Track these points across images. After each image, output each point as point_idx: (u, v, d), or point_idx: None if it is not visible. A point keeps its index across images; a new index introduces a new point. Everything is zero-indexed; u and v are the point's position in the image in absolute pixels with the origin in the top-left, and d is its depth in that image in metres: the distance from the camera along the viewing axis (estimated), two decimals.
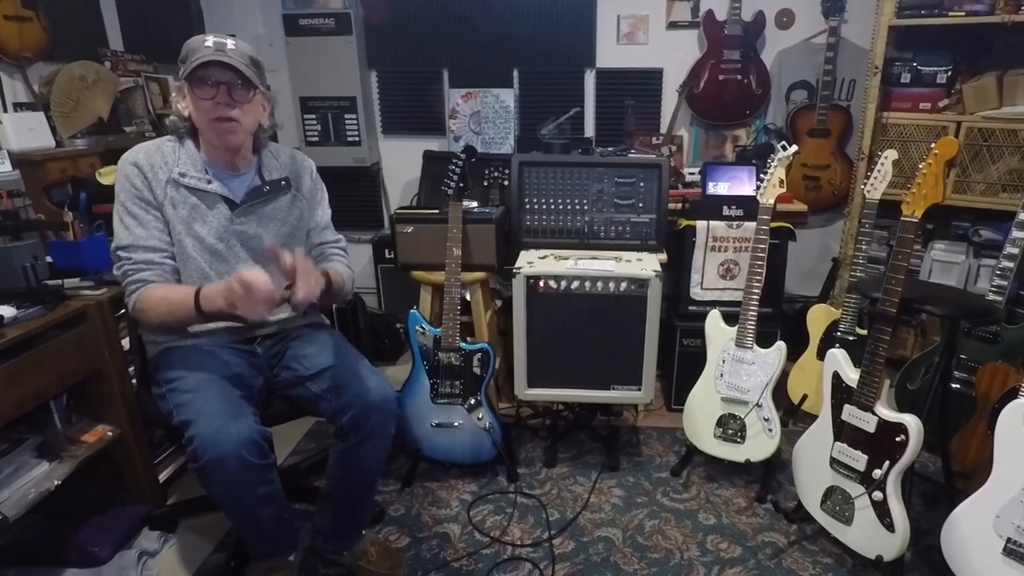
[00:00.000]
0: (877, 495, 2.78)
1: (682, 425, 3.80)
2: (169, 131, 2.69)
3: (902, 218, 2.68)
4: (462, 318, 3.59)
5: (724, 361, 3.58)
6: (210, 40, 2.48)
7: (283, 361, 2.82)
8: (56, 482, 2.86)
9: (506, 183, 4.70)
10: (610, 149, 4.79)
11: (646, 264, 3.66)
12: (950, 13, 4.13)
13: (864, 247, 3.87)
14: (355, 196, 5.74)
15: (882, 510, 2.77)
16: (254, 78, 2.55)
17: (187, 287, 2.56)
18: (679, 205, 4.30)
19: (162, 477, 3.54)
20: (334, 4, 5.27)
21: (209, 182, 2.65)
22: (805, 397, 4.06)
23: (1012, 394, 2.73)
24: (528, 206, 4.01)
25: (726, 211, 4.04)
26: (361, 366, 2.80)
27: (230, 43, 2.51)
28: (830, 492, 3.02)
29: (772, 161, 3.39)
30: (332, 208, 3.09)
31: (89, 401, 3.21)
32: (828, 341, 4.05)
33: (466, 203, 3.79)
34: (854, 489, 2.89)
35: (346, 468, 2.77)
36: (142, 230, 2.57)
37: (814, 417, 3.11)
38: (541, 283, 3.58)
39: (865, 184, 3.60)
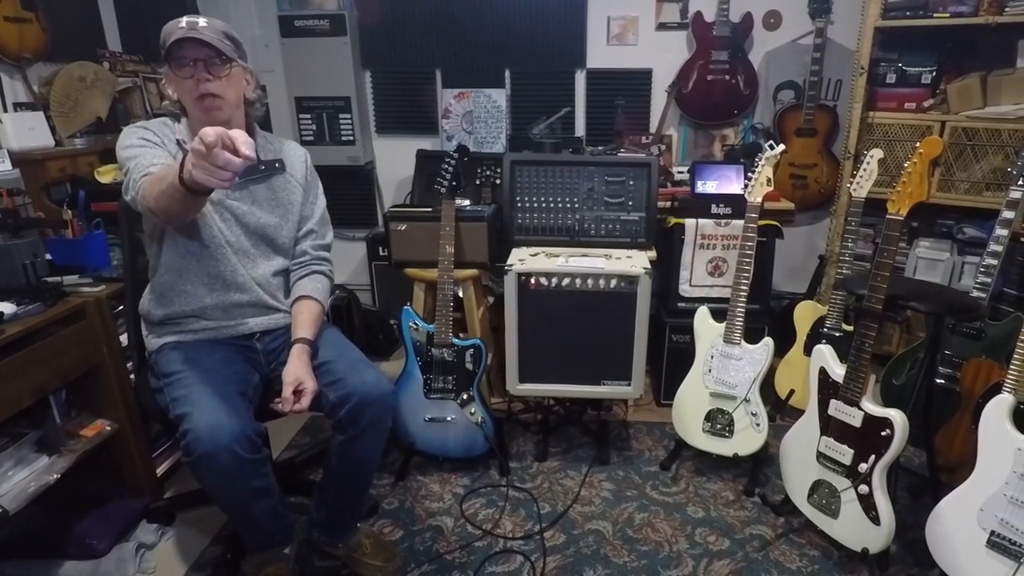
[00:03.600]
0: (863, 489, 2.77)
1: (671, 420, 3.79)
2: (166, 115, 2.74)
3: (887, 216, 2.67)
4: (455, 314, 3.59)
5: (712, 357, 3.57)
6: (184, 21, 2.50)
7: (280, 357, 2.80)
8: (55, 476, 2.84)
9: (498, 182, 4.69)
10: (600, 148, 4.81)
11: (636, 261, 3.65)
12: (935, 15, 4.13)
13: (850, 245, 3.87)
14: (349, 194, 5.74)
15: (868, 503, 2.77)
16: (228, 51, 2.56)
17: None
18: (668, 203, 4.29)
19: (160, 471, 3.52)
20: (329, 5, 5.25)
21: None
22: (792, 392, 4.05)
23: (996, 389, 2.71)
24: (520, 204, 4.00)
25: (714, 209, 4.03)
26: (358, 360, 2.79)
27: (202, 21, 2.53)
28: (817, 486, 3.01)
29: (760, 160, 3.38)
30: (328, 206, 3.08)
31: (88, 396, 3.19)
32: (815, 337, 4.04)
33: (459, 201, 3.77)
34: (840, 483, 2.88)
35: (343, 460, 2.75)
36: (150, 150, 2.56)
37: (801, 412, 3.10)
38: (532, 280, 3.57)
39: (851, 183, 3.61)
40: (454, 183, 3.65)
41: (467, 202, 4.01)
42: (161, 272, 2.74)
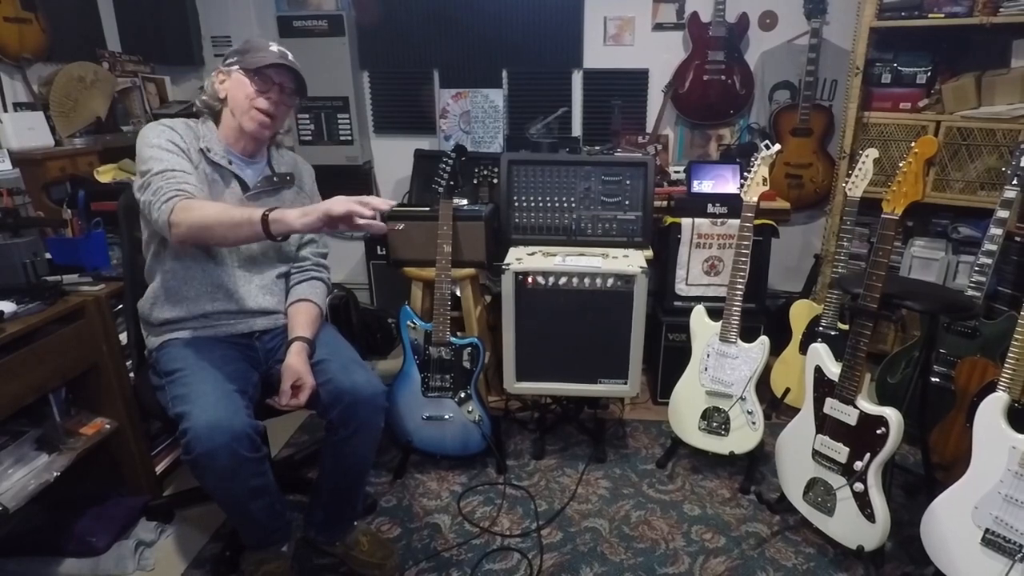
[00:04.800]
0: (858, 486, 2.77)
1: (667, 418, 3.79)
2: (197, 112, 2.81)
3: (883, 215, 2.66)
4: (452, 313, 3.58)
5: (708, 355, 3.57)
6: (275, 47, 2.71)
7: (278, 355, 2.81)
8: (55, 474, 2.84)
9: (495, 181, 4.68)
10: (597, 148, 4.82)
11: (632, 260, 3.65)
12: (930, 15, 4.13)
13: (845, 244, 3.88)
14: (347, 194, 5.66)
15: (863, 501, 2.77)
16: (303, 89, 2.75)
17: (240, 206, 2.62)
18: (664, 203, 4.29)
19: (159, 469, 3.51)
20: (327, 6, 5.25)
21: (230, 162, 2.74)
22: (788, 390, 4.06)
23: (990, 388, 2.72)
24: (517, 204, 4.00)
25: (711, 209, 4.03)
26: (350, 360, 2.80)
27: (290, 55, 2.71)
28: (812, 483, 3.01)
29: (755, 160, 3.37)
30: None
31: (87, 394, 3.19)
32: (810, 336, 4.04)
33: (456, 201, 3.77)
34: (836, 480, 2.88)
35: (337, 460, 2.76)
36: (177, 160, 2.56)
37: (796, 410, 3.10)
38: (529, 279, 3.57)
39: (847, 182, 3.62)
40: (452, 183, 3.65)
41: (464, 201, 4.01)
42: (164, 277, 2.74)
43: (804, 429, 3.01)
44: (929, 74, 4.46)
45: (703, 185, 4.15)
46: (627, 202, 3.96)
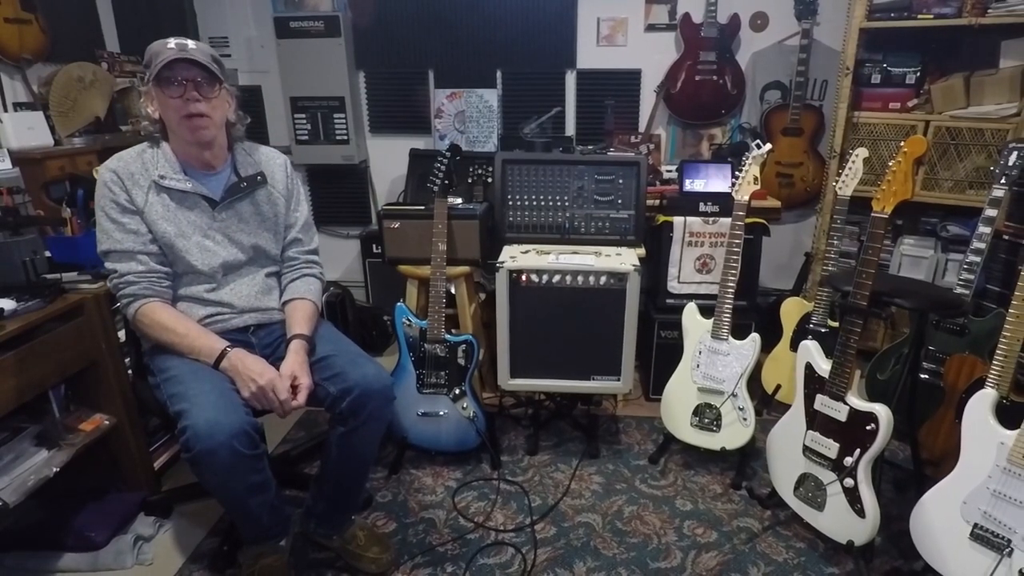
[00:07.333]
0: (848, 482, 2.77)
1: (660, 414, 3.79)
2: (143, 137, 2.71)
3: (872, 214, 2.67)
4: (447, 311, 3.57)
5: (700, 352, 3.57)
6: (172, 42, 2.50)
7: (278, 352, 2.80)
8: (54, 469, 2.84)
9: (490, 180, 4.69)
10: (590, 147, 4.81)
11: (625, 259, 3.64)
12: (919, 16, 4.13)
13: (836, 242, 3.87)
14: (344, 193, 5.69)
15: (853, 496, 2.77)
16: (218, 72, 2.58)
17: (205, 333, 2.66)
18: (657, 201, 4.27)
19: (157, 464, 3.51)
20: (324, 7, 5.23)
21: (188, 183, 2.66)
22: (779, 387, 4.06)
23: (979, 384, 2.72)
24: (511, 202, 3.99)
25: (702, 207, 4.03)
26: (357, 354, 2.80)
27: (191, 43, 2.53)
28: (803, 479, 3.01)
29: (747, 159, 3.38)
30: (322, 204, 3.08)
31: (86, 391, 3.19)
32: (801, 333, 4.03)
33: (451, 200, 3.77)
34: (826, 476, 2.88)
35: (342, 452, 2.75)
36: (120, 234, 2.58)
37: (787, 407, 3.10)
38: (523, 277, 3.56)
39: (837, 181, 3.60)
40: (446, 181, 3.65)
41: (459, 200, 4.00)
42: None
43: (795, 425, 3.01)
44: (918, 74, 4.45)
45: (695, 184, 4.15)
46: (620, 201, 3.96)
